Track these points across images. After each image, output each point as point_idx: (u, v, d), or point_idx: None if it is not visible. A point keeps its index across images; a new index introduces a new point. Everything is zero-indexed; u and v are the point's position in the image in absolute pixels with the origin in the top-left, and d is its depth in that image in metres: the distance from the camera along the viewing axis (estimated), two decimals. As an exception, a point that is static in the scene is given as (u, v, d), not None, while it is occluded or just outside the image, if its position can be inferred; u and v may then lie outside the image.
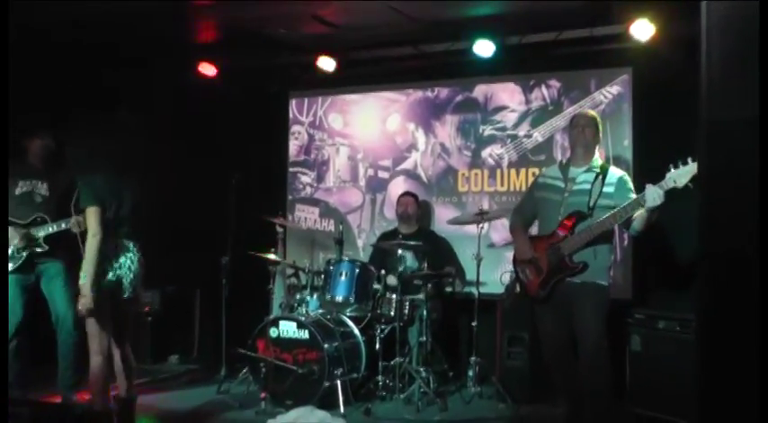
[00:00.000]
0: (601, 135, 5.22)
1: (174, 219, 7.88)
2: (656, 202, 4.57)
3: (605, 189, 4.93)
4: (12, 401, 4.21)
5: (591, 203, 4.91)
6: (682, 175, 4.51)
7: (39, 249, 5.87)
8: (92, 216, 4.90)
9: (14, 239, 5.83)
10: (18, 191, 5.94)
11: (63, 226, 5.80)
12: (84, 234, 5.55)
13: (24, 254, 5.84)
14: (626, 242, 6.40)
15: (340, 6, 6.34)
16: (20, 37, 6.65)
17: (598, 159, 5.15)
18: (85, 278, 4.80)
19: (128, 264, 5.10)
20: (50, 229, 5.85)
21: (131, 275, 5.04)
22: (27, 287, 5.93)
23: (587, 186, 4.97)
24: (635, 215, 4.73)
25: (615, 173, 5.04)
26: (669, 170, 4.56)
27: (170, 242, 7.38)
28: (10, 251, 5.86)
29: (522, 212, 5.41)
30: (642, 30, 6.08)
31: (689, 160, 4.46)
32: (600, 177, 4.96)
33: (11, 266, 5.85)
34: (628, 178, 5.02)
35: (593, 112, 5.34)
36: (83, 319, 4.89)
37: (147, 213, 5.38)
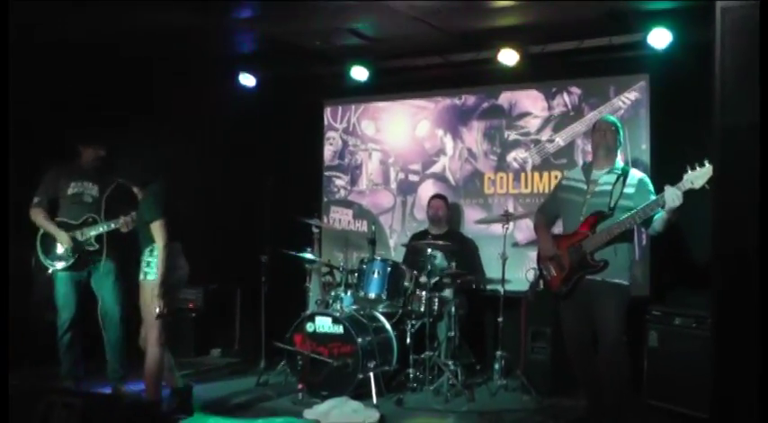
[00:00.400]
0: (621, 139, 5.22)
1: (216, 221, 7.98)
2: (675, 203, 4.55)
3: (626, 190, 4.92)
4: (64, 392, 4.27)
5: (612, 204, 4.90)
6: (699, 176, 4.49)
7: (90, 248, 5.94)
8: (160, 228, 5.07)
9: (64, 243, 5.90)
10: (70, 191, 6.00)
11: (113, 226, 5.87)
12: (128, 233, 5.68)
13: (77, 253, 5.91)
14: (644, 242, 6.36)
15: (372, 19, 6.37)
16: (77, 54, 6.78)
17: (619, 162, 5.15)
18: (158, 283, 4.99)
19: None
20: (101, 229, 5.91)
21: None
22: (79, 284, 6.00)
23: (608, 187, 4.97)
24: (655, 216, 4.72)
25: (636, 175, 5.03)
26: (686, 172, 4.55)
27: (212, 243, 7.45)
28: (62, 250, 5.94)
29: (545, 212, 5.42)
30: (659, 38, 6.04)
31: (705, 162, 4.43)
32: (621, 179, 4.96)
33: (64, 264, 5.92)
34: (648, 180, 5.01)
35: (614, 118, 5.34)
36: (130, 314, 5.01)
37: (191, 216, 5.45)
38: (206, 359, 7.74)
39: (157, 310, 4.98)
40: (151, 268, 5.08)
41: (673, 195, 4.56)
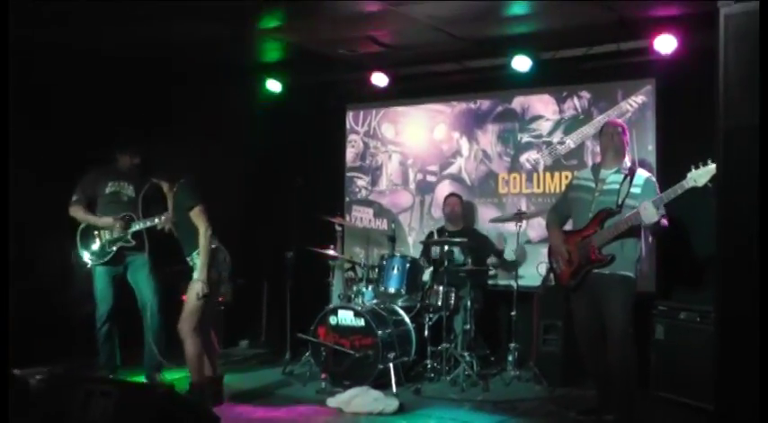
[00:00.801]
0: (628, 141, 5.23)
1: (243, 219, 8.02)
2: (651, 220, 4.67)
3: (632, 190, 4.92)
4: (102, 381, 4.30)
5: (619, 201, 4.91)
6: (702, 175, 4.50)
7: (127, 244, 5.98)
8: (200, 214, 5.11)
9: (106, 235, 5.95)
10: (108, 190, 6.04)
11: (148, 223, 5.89)
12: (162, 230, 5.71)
13: (114, 248, 5.95)
14: (650, 239, 6.31)
15: (392, 28, 6.38)
16: (116, 64, 6.85)
17: (627, 162, 5.15)
18: (200, 268, 5.04)
19: (223, 257, 5.28)
20: (138, 226, 5.93)
21: (227, 270, 5.19)
22: (115, 277, 6.04)
23: (616, 186, 4.98)
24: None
25: (642, 175, 5.04)
26: (690, 170, 4.56)
27: (239, 240, 7.49)
28: (99, 245, 5.98)
29: (557, 211, 5.43)
30: (665, 44, 6.01)
31: (708, 161, 4.43)
32: (628, 178, 4.96)
33: (102, 259, 5.97)
34: (654, 180, 5.01)
35: (621, 121, 5.33)
36: (169, 304, 5.04)
37: (220, 215, 5.48)
38: (234, 350, 7.77)
39: (201, 292, 5.04)
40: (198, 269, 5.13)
41: (649, 212, 4.65)
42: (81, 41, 6.57)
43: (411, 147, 7.86)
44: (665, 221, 4.85)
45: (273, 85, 7.87)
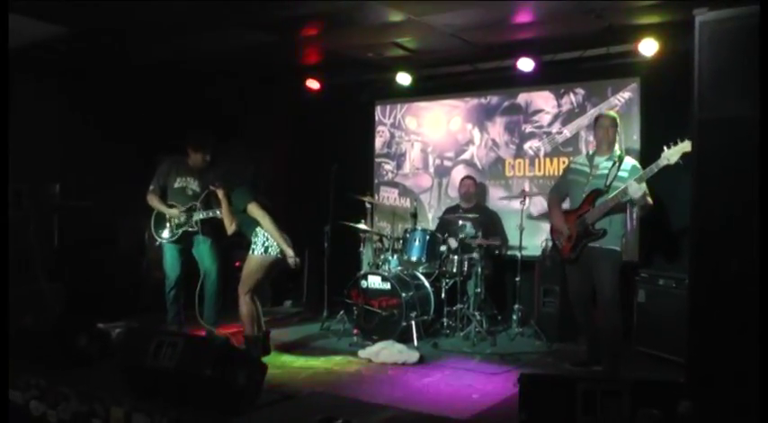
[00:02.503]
0: (619, 131, 5.20)
1: (288, 198, 8.07)
2: (637, 194, 4.66)
3: (620, 173, 4.89)
4: (170, 334, 4.37)
5: (607, 182, 4.88)
6: (673, 153, 4.49)
7: (191, 229, 6.02)
8: (255, 208, 5.20)
9: (176, 219, 6.01)
10: (176, 185, 6.08)
11: (210, 214, 5.93)
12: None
13: (180, 231, 6.01)
14: (635, 216, 6.26)
15: (414, 35, 6.35)
16: (180, 79, 6.95)
17: (617, 150, 5.10)
18: (277, 244, 5.18)
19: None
20: (203, 215, 5.97)
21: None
22: (182, 251, 6.11)
23: (606, 171, 4.95)
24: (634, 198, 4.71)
25: (629, 161, 4.99)
26: (663, 150, 4.51)
27: (286, 215, 7.54)
28: (168, 228, 6.04)
29: (557, 191, 5.41)
30: (648, 47, 5.93)
31: (678, 141, 4.40)
32: (617, 164, 4.92)
33: (171, 239, 6.05)
34: (639, 166, 4.95)
35: (613, 113, 5.28)
36: (225, 270, 5.09)
37: (271, 194, 5.54)
38: (280, 309, 7.85)
39: (291, 261, 5.20)
40: (256, 246, 5.20)
41: (633, 188, 4.65)
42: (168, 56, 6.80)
43: (430, 136, 7.83)
44: (650, 200, 4.82)
45: (313, 85, 7.88)
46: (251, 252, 5.26)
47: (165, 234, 6.07)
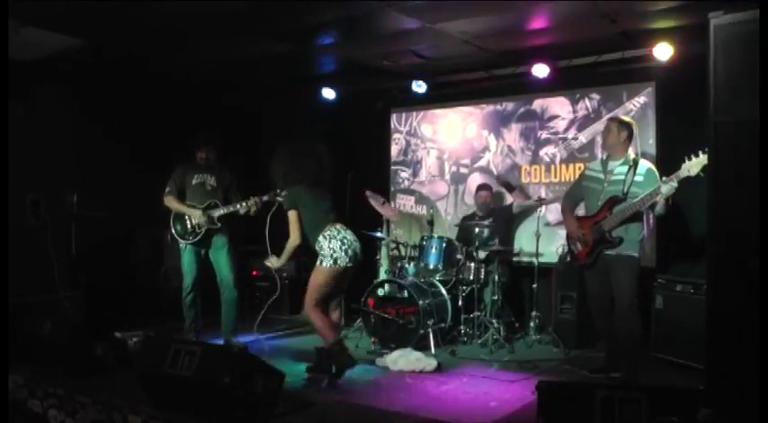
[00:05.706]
0: (635, 134, 5.18)
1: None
2: (670, 192, 4.57)
3: (636, 178, 4.85)
4: (187, 342, 4.37)
5: (625, 190, 4.84)
6: (694, 165, 4.43)
7: (213, 226, 6.01)
8: (290, 220, 5.08)
9: (195, 219, 5.96)
10: (194, 181, 6.08)
11: (231, 209, 5.92)
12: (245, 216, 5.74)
13: (203, 230, 5.95)
14: (651, 222, 6.22)
15: (429, 43, 6.36)
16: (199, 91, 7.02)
17: (631, 153, 5.06)
18: (282, 258, 5.14)
19: (352, 238, 5.21)
20: (223, 211, 5.94)
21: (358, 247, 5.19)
22: (200, 255, 6.07)
23: (622, 177, 4.91)
24: (658, 200, 4.65)
25: (645, 165, 4.95)
26: (684, 161, 4.48)
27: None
28: (190, 227, 5.99)
29: (571, 197, 5.37)
30: (663, 52, 5.92)
31: (700, 153, 4.36)
32: (632, 169, 4.88)
33: (193, 239, 5.99)
34: (655, 169, 4.92)
35: (628, 119, 5.25)
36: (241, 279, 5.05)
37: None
38: (297, 317, 7.77)
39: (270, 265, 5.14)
40: (324, 257, 5.03)
41: (668, 187, 4.56)
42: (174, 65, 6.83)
43: (446, 143, 7.83)
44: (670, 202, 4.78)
45: (328, 93, 7.91)
46: (318, 263, 5.07)
47: (186, 235, 6.02)
